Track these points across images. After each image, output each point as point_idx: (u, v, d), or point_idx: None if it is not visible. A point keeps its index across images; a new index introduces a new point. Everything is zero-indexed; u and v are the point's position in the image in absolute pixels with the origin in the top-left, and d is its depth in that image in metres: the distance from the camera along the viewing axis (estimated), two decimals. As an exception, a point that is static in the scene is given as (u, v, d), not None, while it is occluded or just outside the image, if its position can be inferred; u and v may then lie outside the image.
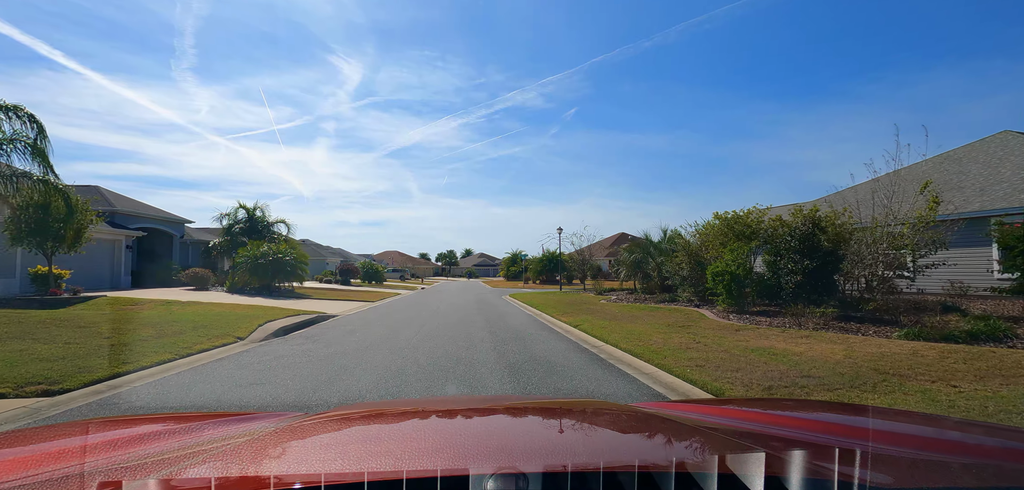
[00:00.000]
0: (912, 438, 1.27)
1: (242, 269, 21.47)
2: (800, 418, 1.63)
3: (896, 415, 1.92)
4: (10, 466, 0.94)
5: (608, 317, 12.40)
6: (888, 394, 4.83)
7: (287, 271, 22.14)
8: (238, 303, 16.26)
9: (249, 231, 26.64)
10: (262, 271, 21.48)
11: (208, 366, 6.83)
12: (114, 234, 22.84)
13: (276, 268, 21.77)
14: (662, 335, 9.08)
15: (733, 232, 13.37)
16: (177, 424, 1.32)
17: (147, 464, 0.92)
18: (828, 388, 5.13)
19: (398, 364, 6.91)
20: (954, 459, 1.12)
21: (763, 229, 12.76)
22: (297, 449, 1.03)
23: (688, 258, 15.06)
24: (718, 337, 8.72)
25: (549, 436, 1.21)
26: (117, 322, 10.52)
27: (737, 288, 11.82)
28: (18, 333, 8.48)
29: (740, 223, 13.43)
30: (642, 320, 11.57)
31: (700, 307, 13.75)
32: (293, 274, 22.81)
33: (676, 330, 9.70)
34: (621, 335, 9.13)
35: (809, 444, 1.15)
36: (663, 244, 18.58)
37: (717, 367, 6.14)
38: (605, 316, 12.71)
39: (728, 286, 11.92)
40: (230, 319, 11.51)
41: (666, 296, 16.71)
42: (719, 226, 14.01)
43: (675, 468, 0.77)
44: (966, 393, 4.80)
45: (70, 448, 1.07)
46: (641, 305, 15.62)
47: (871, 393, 4.88)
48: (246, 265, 21.38)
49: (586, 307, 15.79)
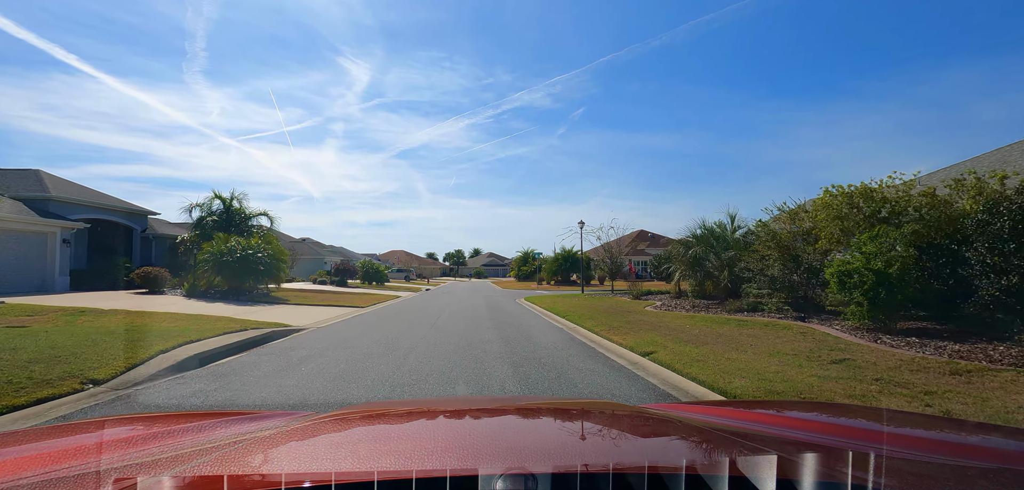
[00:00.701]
0: (928, 442, 1.24)
1: (205, 268, 17.77)
2: (813, 420, 1.59)
3: (911, 419, 1.84)
4: (30, 462, 0.96)
5: (685, 338, 8.43)
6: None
7: (259, 270, 18.38)
8: (179, 312, 12.55)
9: (225, 224, 22.93)
10: (229, 270, 17.75)
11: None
12: (42, 225, 18.86)
13: (246, 267, 18.03)
14: (815, 378, 5.12)
15: (860, 213, 9.27)
16: (190, 422, 1.34)
17: (161, 461, 0.94)
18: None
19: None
20: (972, 463, 1.08)
21: (912, 206, 8.68)
22: (308, 448, 1.04)
23: (779, 252, 11.00)
24: (936, 383, 4.73)
25: (558, 437, 1.20)
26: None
27: (887, 295, 7.76)
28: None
29: (873, 198, 9.28)
30: (744, 345, 7.59)
31: (806, 320, 9.74)
32: (269, 274, 19.07)
33: (825, 366, 5.74)
34: (748, 378, 5.18)
35: (822, 447, 1.11)
36: (731, 235, 14.39)
37: None
38: (678, 336, 8.74)
39: (871, 292, 7.86)
40: (129, 340, 7.74)
41: (736, 303, 12.62)
42: (838, 204, 9.76)
43: (685, 470, 0.76)
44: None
45: (87, 445, 1.11)
46: (711, 316, 11.60)
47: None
48: (209, 263, 17.68)
49: (635, 319, 11.81)
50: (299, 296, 20.22)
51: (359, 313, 15.34)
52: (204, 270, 17.69)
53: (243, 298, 17.55)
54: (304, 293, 22.52)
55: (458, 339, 9.26)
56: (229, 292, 18.23)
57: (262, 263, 18.47)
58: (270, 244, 19.58)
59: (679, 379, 5.68)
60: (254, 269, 18.19)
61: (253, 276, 18.28)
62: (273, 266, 19.24)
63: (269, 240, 20.03)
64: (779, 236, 11.10)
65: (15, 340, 7.65)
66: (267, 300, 17.58)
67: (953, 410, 4.19)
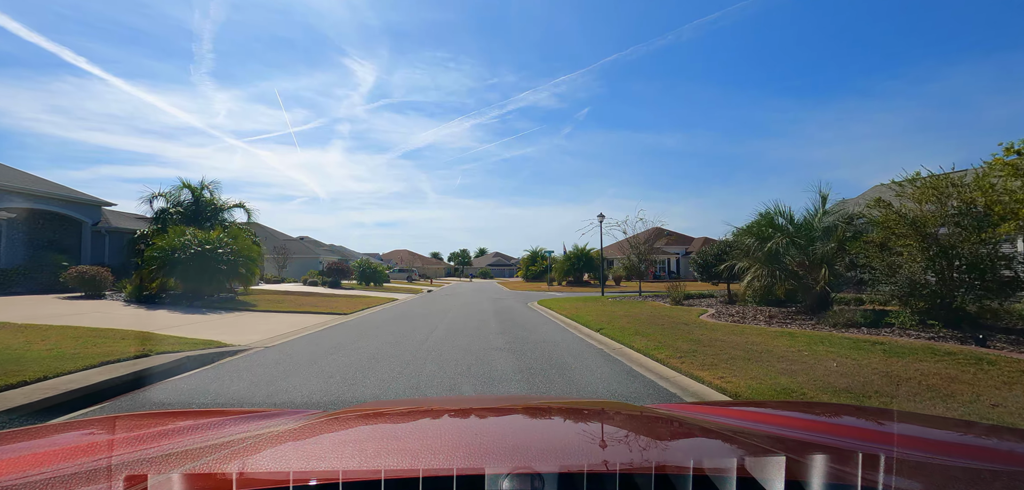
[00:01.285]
0: (940, 444, 1.22)
1: (153, 268, 14.60)
2: (822, 421, 1.51)
3: (923, 420, 1.71)
4: (42, 458, 0.97)
5: (841, 384, 5.11)
6: None
7: (221, 270, 15.19)
8: (82, 327, 9.36)
9: (193, 217, 19.81)
10: (181, 270, 14.57)
11: None
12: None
13: (203, 266, 14.85)
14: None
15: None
16: (200, 419, 1.36)
17: (171, 458, 0.95)
18: None
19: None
20: (984, 466, 1.05)
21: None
22: (316, 446, 1.04)
23: (920, 242, 7.53)
24: None
25: (565, 437, 1.20)
26: None
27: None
28: None
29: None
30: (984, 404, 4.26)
31: (986, 344, 6.39)
32: (233, 273, 15.89)
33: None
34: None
35: (831, 448, 1.10)
36: (818, 222, 10.66)
37: None
38: (821, 379, 5.44)
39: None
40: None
41: (834, 315, 9.20)
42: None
43: (693, 471, 0.76)
44: None
45: (98, 442, 1.16)
46: (818, 334, 8.21)
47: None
48: (158, 262, 14.50)
49: (706, 336, 8.48)
50: (274, 300, 17.03)
51: (339, 322, 12.10)
52: (152, 269, 14.53)
53: (199, 304, 14.38)
54: (283, 296, 19.35)
55: (456, 367, 5.99)
56: (184, 296, 15.07)
57: (223, 261, 15.26)
58: (236, 239, 16.36)
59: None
60: (213, 268, 14.99)
61: (213, 276, 15.08)
62: (240, 264, 16.05)
63: (236, 235, 16.78)
64: (919, 219, 7.62)
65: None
66: (229, 306, 14.41)
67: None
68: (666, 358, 6.62)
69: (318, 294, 22.67)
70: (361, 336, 9.50)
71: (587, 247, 41.07)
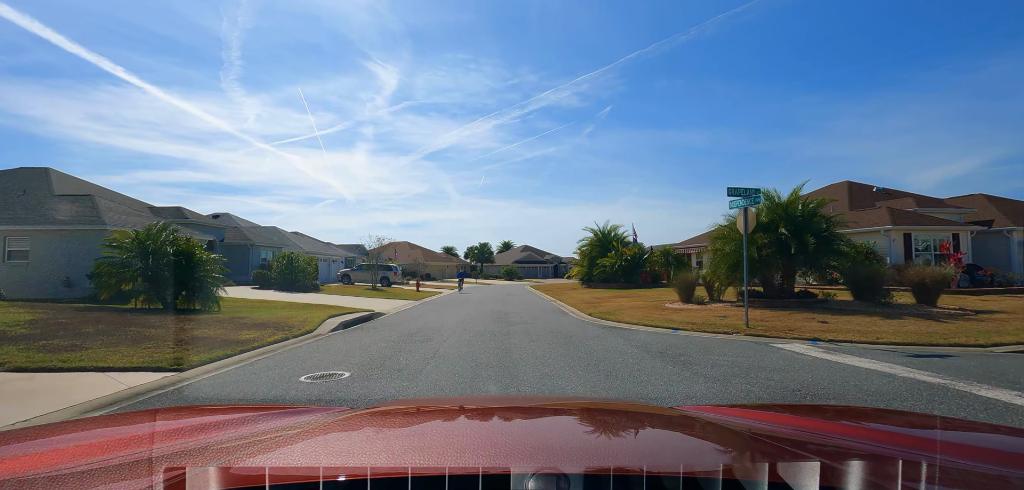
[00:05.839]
0: (986, 452, 1.15)
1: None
2: (860, 427, 1.54)
3: (969, 426, 1.81)
4: (88, 449, 1.03)
5: None
6: None
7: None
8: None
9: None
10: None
11: None
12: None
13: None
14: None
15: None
16: (235, 414, 1.43)
17: (208, 451, 0.99)
18: None
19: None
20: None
21: None
22: (345, 442, 1.07)
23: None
24: None
25: (591, 437, 1.20)
26: None
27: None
28: None
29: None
30: None
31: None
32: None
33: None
34: None
35: (869, 455, 1.09)
36: None
37: None
38: None
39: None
40: None
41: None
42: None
43: (722, 474, 0.75)
44: None
45: (140, 435, 1.17)
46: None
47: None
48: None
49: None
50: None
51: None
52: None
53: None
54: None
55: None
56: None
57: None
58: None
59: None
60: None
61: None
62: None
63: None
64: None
65: None
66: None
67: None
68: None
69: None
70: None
71: (637, 243, 34.99)
